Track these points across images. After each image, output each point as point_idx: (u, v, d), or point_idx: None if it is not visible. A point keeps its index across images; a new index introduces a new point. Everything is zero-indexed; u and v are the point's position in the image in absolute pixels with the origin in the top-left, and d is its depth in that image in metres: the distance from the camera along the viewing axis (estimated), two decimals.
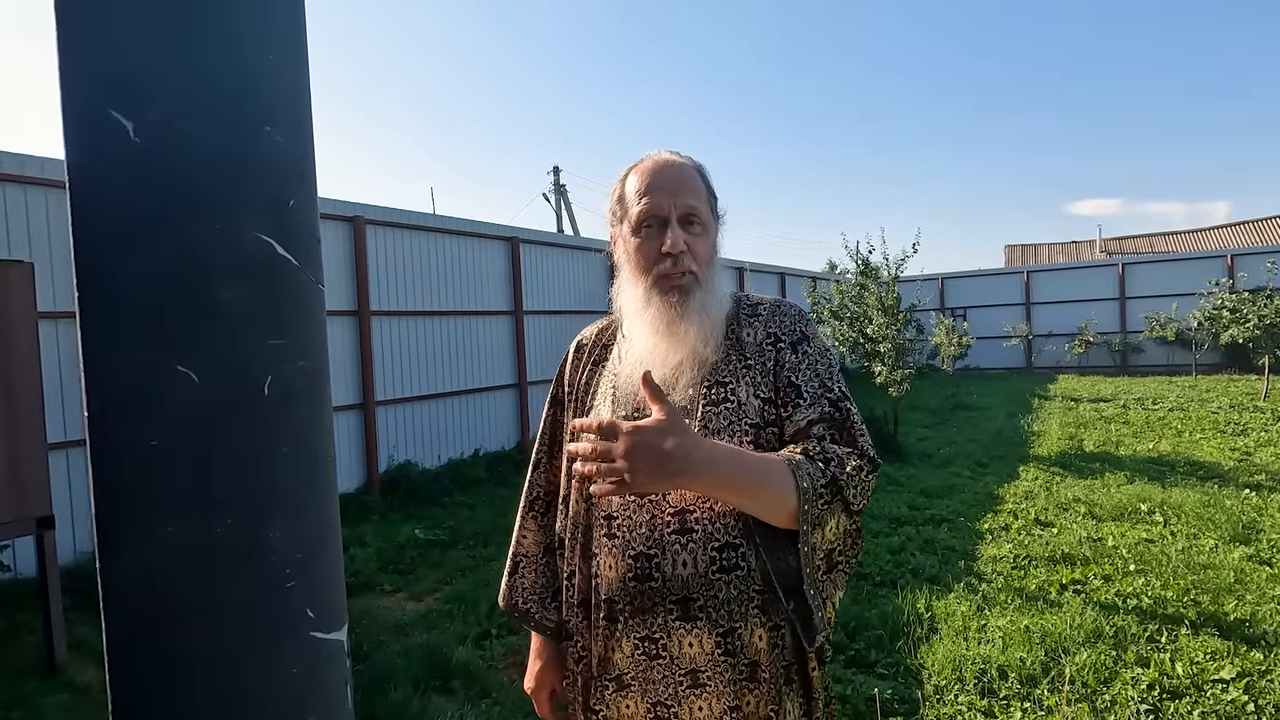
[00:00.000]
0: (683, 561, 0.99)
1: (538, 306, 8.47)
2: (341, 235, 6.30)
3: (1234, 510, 4.91)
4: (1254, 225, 25.51)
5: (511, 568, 1.26)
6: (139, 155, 0.32)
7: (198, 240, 0.32)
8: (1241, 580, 3.72)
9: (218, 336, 0.32)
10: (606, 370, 1.17)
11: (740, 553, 1.00)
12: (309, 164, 0.37)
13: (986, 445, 7.93)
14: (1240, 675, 2.78)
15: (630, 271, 1.11)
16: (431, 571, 4.51)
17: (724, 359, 1.08)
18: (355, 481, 6.32)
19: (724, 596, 0.99)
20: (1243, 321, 11.06)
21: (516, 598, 1.24)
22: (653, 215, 1.07)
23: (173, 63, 0.32)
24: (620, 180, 1.14)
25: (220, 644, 0.33)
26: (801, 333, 1.12)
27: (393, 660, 3.15)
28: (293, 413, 0.34)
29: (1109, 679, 2.82)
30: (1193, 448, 7.29)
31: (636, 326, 1.09)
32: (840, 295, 9.22)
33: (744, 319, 1.13)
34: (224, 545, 0.32)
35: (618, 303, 1.15)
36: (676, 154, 1.13)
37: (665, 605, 1.00)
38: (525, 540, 1.25)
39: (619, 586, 1.02)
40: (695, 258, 1.07)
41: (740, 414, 1.03)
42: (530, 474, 1.27)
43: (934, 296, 17.82)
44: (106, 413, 0.31)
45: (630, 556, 1.01)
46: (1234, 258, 14.88)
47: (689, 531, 1.00)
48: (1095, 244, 28.07)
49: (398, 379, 6.79)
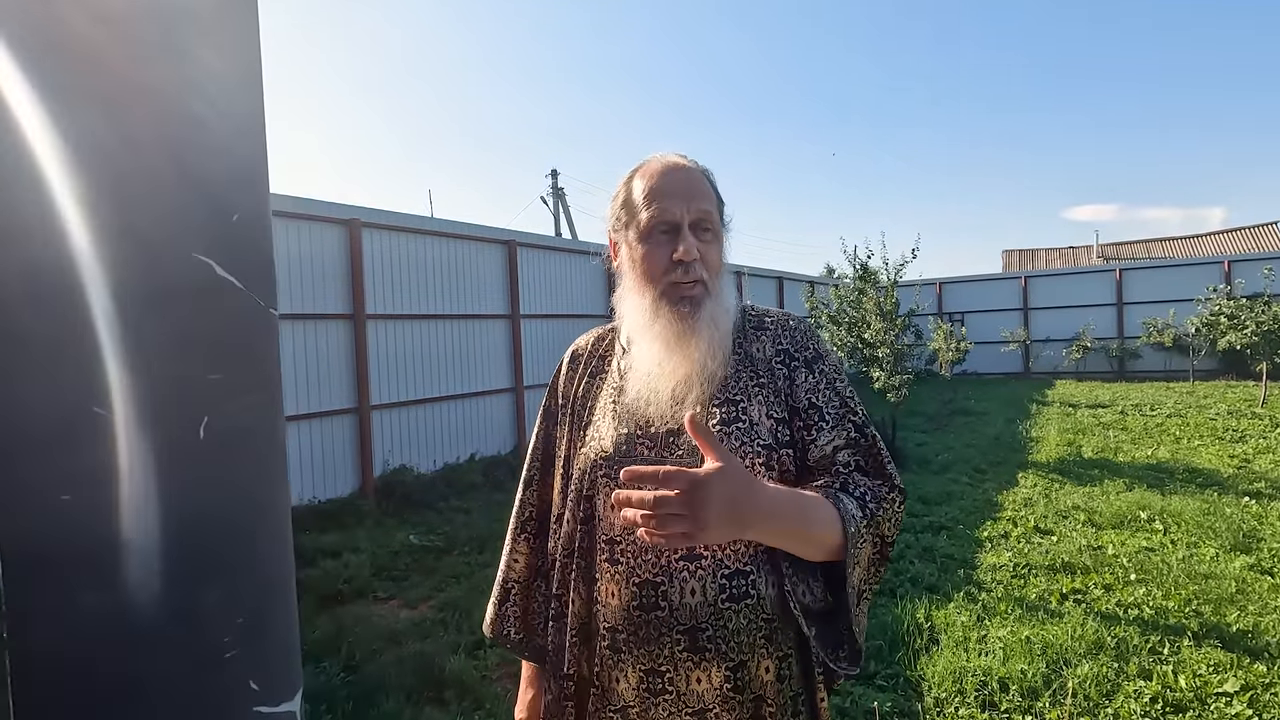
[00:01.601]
0: (691, 590, 0.94)
1: (535, 310, 8.42)
2: (337, 238, 6.25)
3: (1234, 518, 4.88)
4: (1250, 232, 25.57)
5: (501, 595, 1.19)
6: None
7: (116, 261, 0.27)
8: (1243, 590, 3.68)
9: (142, 372, 0.27)
10: (606, 383, 1.10)
11: (750, 580, 0.95)
12: (259, 168, 0.32)
13: (985, 451, 7.90)
14: (1244, 689, 2.74)
15: (635, 279, 1.05)
16: (426, 578, 4.46)
17: (733, 375, 1.03)
18: (350, 486, 6.26)
19: (733, 627, 0.94)
20: (1241, 328, 11.05)
21: (507, 627, 1.17)
22: (664, 221, 1.01)
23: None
24: (625, 183, 1.08)
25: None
26: (815, 350, 1.07)
27: (385, 670, 3.10)
28: (235, 457, 0.30)
29: (1111, 692, 2.78)
30: (1191, 455, 7.26)
31: (642, 338, 1.04)
32: (839, 300, 9.19)
33: (751, 332, 1.08)
34: (150, 614, 0.27)
35: (619, 311, 1.09)
36: (683, 157, 1.07)
37: (672, 636, 0.95)
38: (517, 565, 1.18)
39: (623, 615, 0.97)
40: (707, 266, 1.02)
41: (753, 434, 0.98)
42: (521, 493, 1.20)
43: (932, 301, 17.81)
44: (9, 462, 0.27)
45: (635, 584, 0.96)
46: (1231, 264, 14.88)
47: (697, 558, 0.95)
48: (1093, 249, 28.10)
49: (393, 383, 6.74)
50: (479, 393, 7.62)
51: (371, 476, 6.36)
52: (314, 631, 3.58)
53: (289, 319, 5.84)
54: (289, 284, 5.85)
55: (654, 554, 0.95)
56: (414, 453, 6.89)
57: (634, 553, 0.97)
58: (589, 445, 1.05)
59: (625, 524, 0.82)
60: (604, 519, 1.00)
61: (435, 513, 6.02)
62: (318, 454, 6.03)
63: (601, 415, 1.07)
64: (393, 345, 6.75)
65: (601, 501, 1.01)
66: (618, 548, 0.98)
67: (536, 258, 8.55)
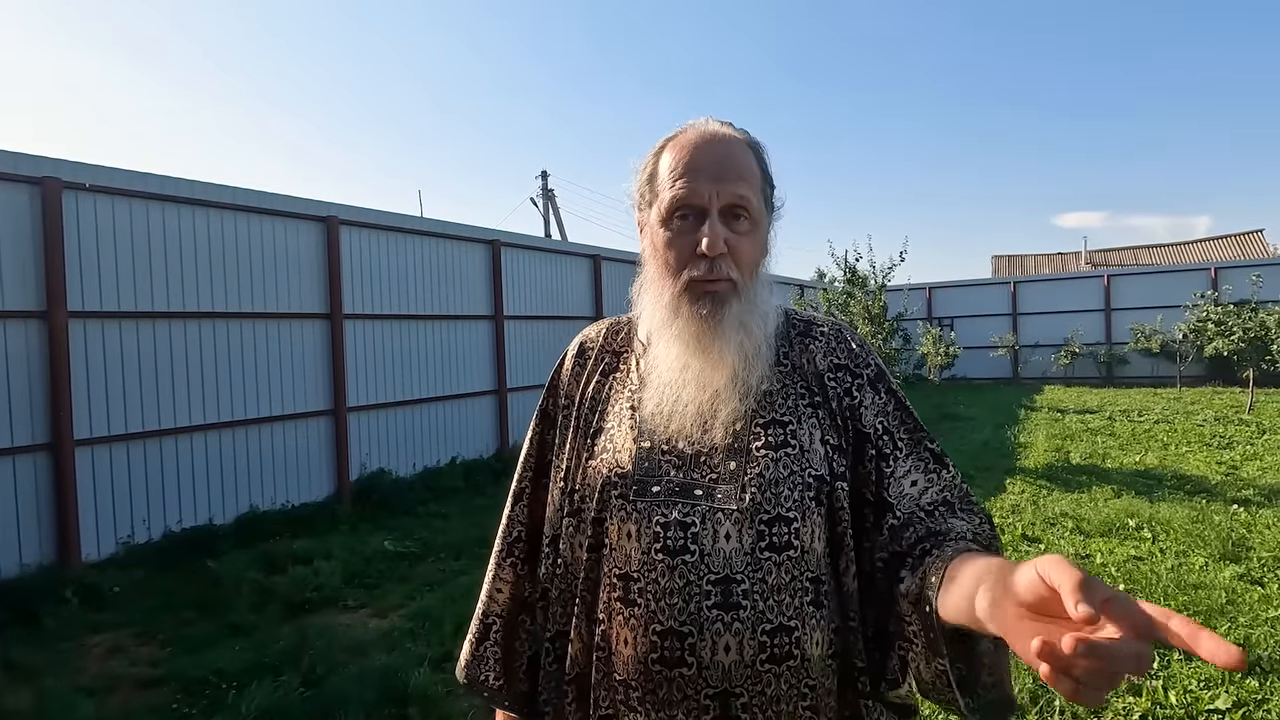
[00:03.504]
0: (725, 645, 0.78)
1: (519, 311, 8.29)
2: (314, 236, 6.11)
3: (1223, 527, 4.81)
4: (1235, 239, 25.77)
5: (480, 632, 1.00)
6: None
7: None
8: (1233, 601, 3.61)
9: None
10: (622, 386, 0.94)
11: (795, 638, 0.80)
12: None
13: (973, 456, 7.83)
14: (1236, 705, 2.66)
15: (656, 270, 0.90)
16: (399, 586, 4.32)
17: (779, 390, 0.88)
18: (325, 490, 6.11)
19: (772, 693, 0.79)
20: (1228, 334, 11.07)
21: (485, 671, 0.98)
22: (688, 204, 0.85)
23: None
24: (653, 154, 0.91)
25: None
26: (877, 367, 0.93)
27: (347, 685, 2.96)
28: None
29: (1100, 709, 2.68)
30: (1179, 461, 7.22)
31: (661, 338, 0.89)
32: (827, 303, 9.14)
33: (796, 340, 0.94)
34: None
35: (638, 305, 0.94)
36: (728, 125, 0.91)
37: (700, 701, 0.78)
38: (500, 595, 0.99)
39: (637, 668, 0.80)
40: (737, 261, 0.86)
41: (804, 462, 0.84)
42: (510, 508, 1.01)
43: (921, 306, 17.82)
44: None
45: (656, 633, 0.80)
46: (1217, 270, 14.95)
47: (735, 607, 0.79)
48: (1081, 255, 28.25)
49: (372, 384, 6.59)
50: (461, 395, 7.48)
51: (348, 480, 6.20)
52: (276, 642, 3.44)
53: (262, 317, 5.69)
54: (263, 281, 5.70)
55: (682, 598, 0.79)
56: (392, 456, 6.74)
57: (655, 594, 0.80)
58: (600, 458, 0.89)
59: (1045, 676, 0.49)
60: (617, 548, 0.84)
61: (413, 518, 5.88)
62: (291, 457, 5.87)
63: (616, 423, 0.91)
64: (372, 346, 6.61)
65: (615, 527, 0.85)
66: (634, 585, 0.81)
67: (522, 258, 8.42)
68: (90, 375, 4.67)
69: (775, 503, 0.82)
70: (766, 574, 0.80)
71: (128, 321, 4.87)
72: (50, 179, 4.44)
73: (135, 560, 4.62)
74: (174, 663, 3.27)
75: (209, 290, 5.33)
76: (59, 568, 4.36)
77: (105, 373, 4.75)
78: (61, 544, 4.45)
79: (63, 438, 4.45)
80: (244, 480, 5.53)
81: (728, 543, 0.81)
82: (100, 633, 3.66)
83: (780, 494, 0.82)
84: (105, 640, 3.58)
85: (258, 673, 3.09)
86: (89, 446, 4.63)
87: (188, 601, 4.03)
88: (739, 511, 0.81)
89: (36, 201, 4.42)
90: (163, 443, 5.03)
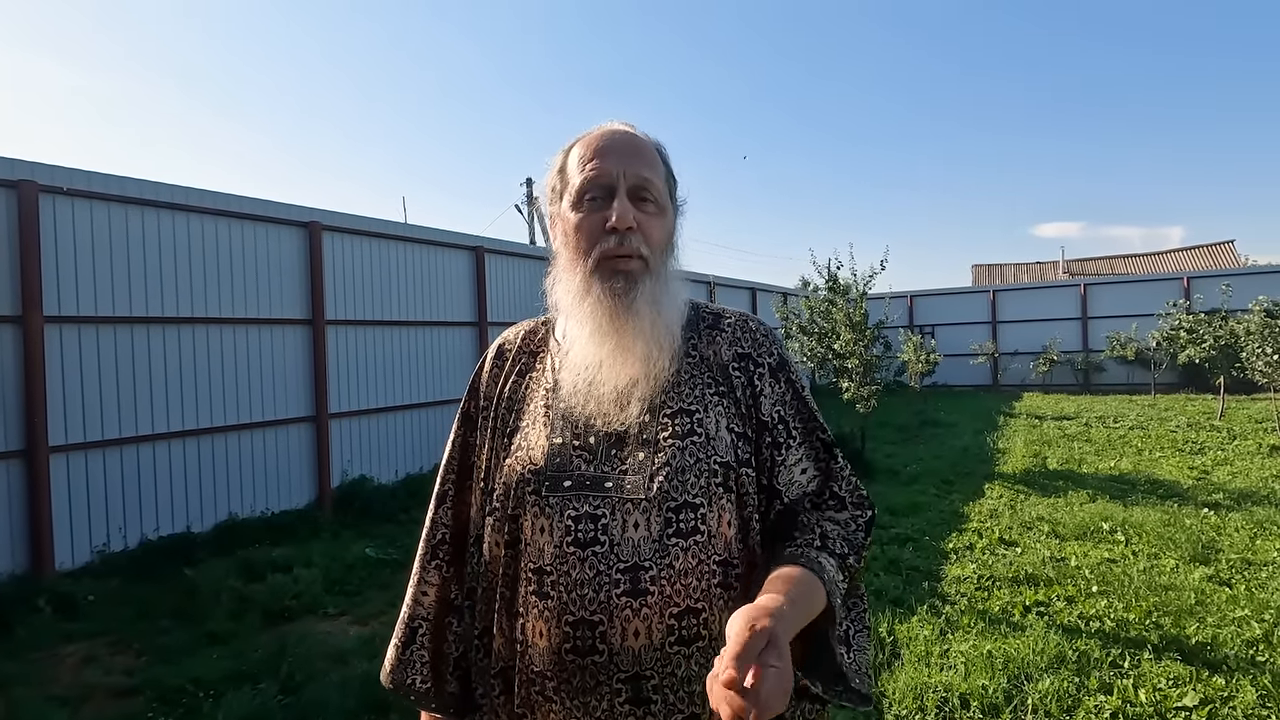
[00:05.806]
0: (634, 631, 0.81)
1: (503, 318, 8.29)
2: (296, 241, 6.08)
3: (1193, 529, 4.92)
4: (1207, 250, 26.34)
5: (406, 636, 1.00)
6: None
7: None
8: (1202, 602, 3.69)
9: None
10: (538, 384, 0.97)
11: (703, 619, 0.82)
12: None
13: (953, 462, 7.93)
14: (1203, 702, 2.72)
15: (568, 255, 0.92)
16: (380, 593, 4.29)
17: (687, 380, 0.91)
18: (306, 497, 6.06)
19: (683, 674, 0.81)
20: (1199, 342, 11.31)
21: (412, 675, 0.98)
22: (597, 183, 0.88)
23: None
24: (563, 151, 0.95)
25: None
26: (780, 355, 0.97)
27: (326, 692, 2.95)
28: None
29: (1072, 707, 2.73)
30: (1153, 466, 7.36)
31: (574, 322, 0.91)
32: (809, 311, 9.22)
33: (705, 331, 0.97)
34: None
35: (553, 297, 0.96)
36: (630, 125, 0.95)
37: (611, 685, 0.81)
38: (425, 599, 1.00)
39: (552, 659, 0.83)
40: (647, 239, 0.89)
41: (709, 450, 0.86)
42: (433, 511, 1.03)
43: (903, 314, 18.02)
44: None
45: (568, 623, 0.82)
46: (1190, 280, 15.29)
47: (643, 593, 0.81)
48: (1059, 265, 28.72)
49: (354, 391, 6.56)
50: (444, 401, 7.46)
51: (329, 487, 6.16)
52: (255, 651, 3.41)
53: (243, 323, 5.65)
54: (244, 286, 5.66)
55: (592, 588, 0.82)
56: (374, 463, 6.70)
57: (566, 585, 0.83)
58: (515, 456, 0.91)
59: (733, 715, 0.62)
60: (531, 544, 0.86)
61: (395, 525, 5.84)
62: (271, 464, 5.82)
63: (531, 421, 0.93)
64: (354, 352, 6.58)
65: (529, 523, 0.87)
66: (547, 579, 0.84)
67: (505, 264, 8.43)
68: (66, 381, 4.61)
69: (682, 490, 0.84)
70: (674, 559, 0.83)
71: (105, 326, 4.82)
72: (27, 182, 4.40)
73: (111, 569, 4.55)
74: (149, 672, 3.23)
75: (189, 295, 5.28)
76: (32, 577, 4.29)
77: (82, 378, 4.69)
78: (35, 552, 4.38)
79: (37, 444, 4.39)
80: (223, 488, 5.47)
81: (636, 531, 0.83)
82: (74, 642, 3.60)
83: (687, 481, 0.85)
84: (79, 650, 3.52)
85: (235, 681, 3.06)
86: (64, 453, 4.57)
87: (164, 610, 3.97)
88: (647, 500, 0.84)
89: (13, 204, 4.37)
90: (140, 450, 4.97)
